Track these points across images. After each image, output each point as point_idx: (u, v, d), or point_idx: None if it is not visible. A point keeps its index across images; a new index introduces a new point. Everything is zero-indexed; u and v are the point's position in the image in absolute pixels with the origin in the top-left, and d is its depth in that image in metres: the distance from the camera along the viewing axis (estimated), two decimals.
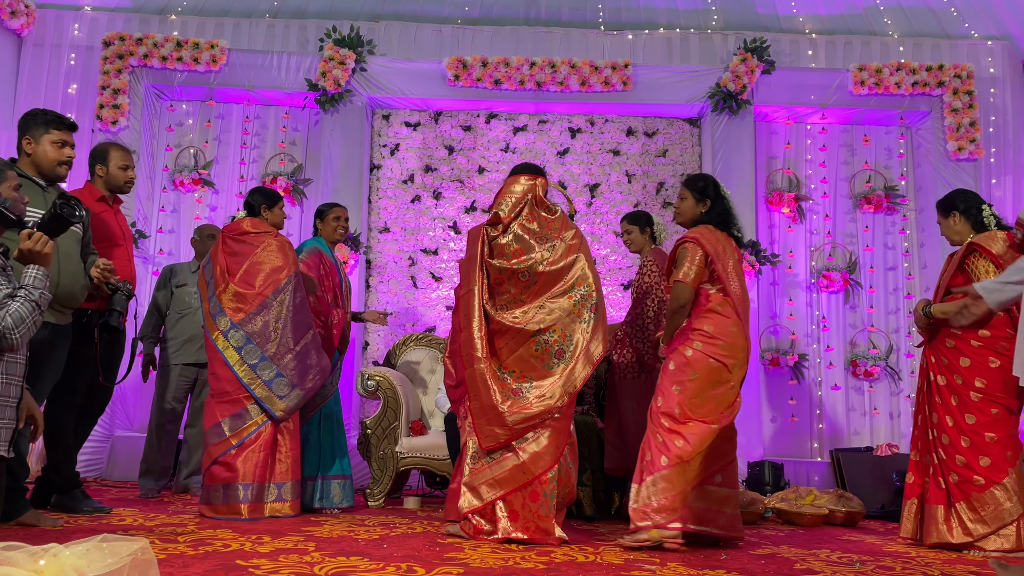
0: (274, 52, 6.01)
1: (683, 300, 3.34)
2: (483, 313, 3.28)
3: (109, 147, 3.90)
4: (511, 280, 3.31)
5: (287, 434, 3.85)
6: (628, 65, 5.97)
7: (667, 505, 3.13)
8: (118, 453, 5.40)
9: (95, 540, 1.36)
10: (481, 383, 3.22)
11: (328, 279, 4.29)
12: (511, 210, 3.36)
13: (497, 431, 3.20)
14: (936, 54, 6.15)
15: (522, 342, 3.26)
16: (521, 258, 3.30)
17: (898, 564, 3.01)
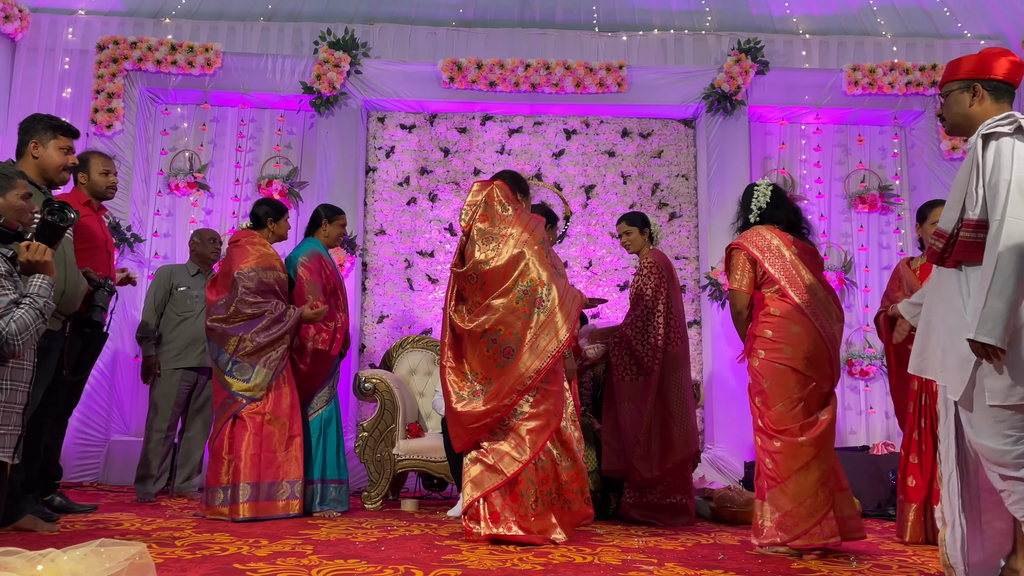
0: (269, 55, 6.01)
1: (739, 307, 3.39)
2: (449, 320, 3.41)
3: (89, 155, 3.92)
4: (467, 285, 3.40)
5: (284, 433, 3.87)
6: (623, 66, 5.98)
7: (786, 522, 3.08)
8: (115, 457, 5.39)
9: (92, 545, 1.36)
10: (447, 388, 3.38)
11: (331, 282, 4.28)
12: (469, 218, 3.45)
13: (458, 431, 3.32)
14: (929, 54, 6.17)
15: (475, 344, 3.33)
16: (471, 258, 3.37)
17: (895, 563, 3.01)
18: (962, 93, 2.40)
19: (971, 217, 2.27)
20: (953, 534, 2.36)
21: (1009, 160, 2.19)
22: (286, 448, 3.89)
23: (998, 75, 2.36)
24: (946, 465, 2.39)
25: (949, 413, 2.38)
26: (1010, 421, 2.14)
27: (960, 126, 2.42)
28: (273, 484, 3.83)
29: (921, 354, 2.48)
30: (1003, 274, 2.12)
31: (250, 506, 3.73)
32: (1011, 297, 2.11)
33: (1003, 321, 2.11)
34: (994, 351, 2.14)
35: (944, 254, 2.36)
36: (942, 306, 2.37)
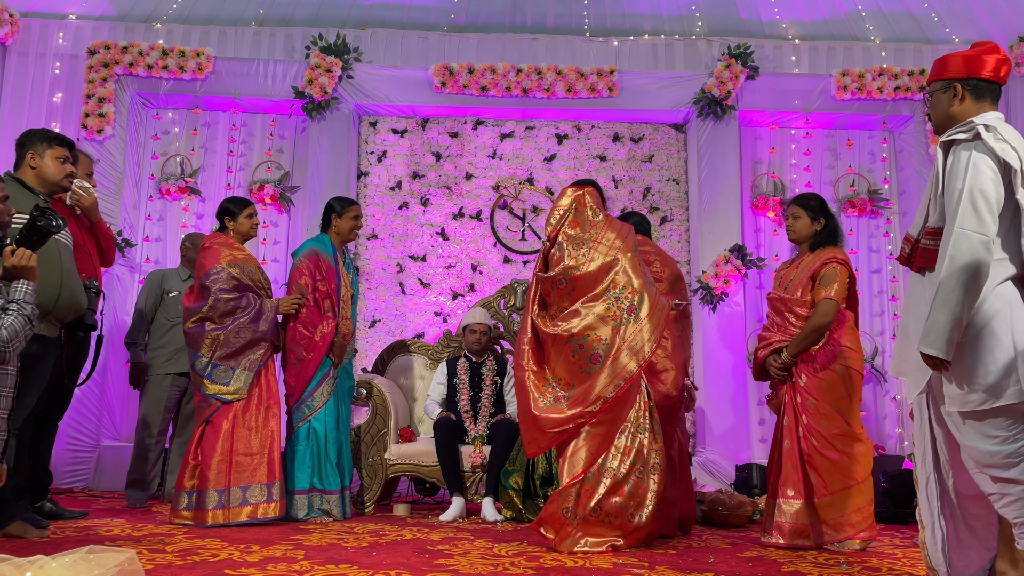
0: (260, 60, 6.01)
1: (832, 317, 3.47)
2: (532, 324, 3.38)
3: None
4: (554, 289, 3.37)
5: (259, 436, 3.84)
6: (614, 71, 6.00)
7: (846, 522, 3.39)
8: (105, 463, 5.37)
9: (82, 551, 1.36)
10: (521, 389, 3.31)
11: (324, 285, 4.18)
12: (557, 222, 3.42)
13: (536, 435, 3.23)
14: (917, 59, 6.22)
15: (560, 349, 3.28)
16: (560, 262, 3.35)
17: (884, 564, 3.03)
18: (944, 93, 2.39)
19: (931, 224, 2.29)
20: (934, 536, 2.37)
21: (963, 169, 2.17)
22: (262, 450, 3.83)
23: (981, 74, 2.34)
24: (923, 468, 2.41)
25: (923, 416, 2.40)
26: (990, 423, 2.15)
27: (943, 126, 2.40)
28: (246, 488, 3.77)
29: (900, 356, 2.51)
30: (948, 285, 2.12)
31: (219, 512, 3.69)
32: (954, 309, 2.11)
33: (945, 333, 2.11)
34: (939, 362, 2.15)
35: (910, 259, 2.40)
36: (914, 309, 2.40)
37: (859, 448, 3.44)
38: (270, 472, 3.83)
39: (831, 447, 3.42)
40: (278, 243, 6.03)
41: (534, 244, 6.05)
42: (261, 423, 3.88)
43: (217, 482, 3.72)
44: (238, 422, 3.82)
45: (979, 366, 2.15)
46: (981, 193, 2.14)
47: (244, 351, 3.88)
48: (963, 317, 2.13)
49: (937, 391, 2.29)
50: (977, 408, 2.14)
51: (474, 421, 4.65)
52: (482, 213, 6.09)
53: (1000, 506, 2.18)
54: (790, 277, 3.68)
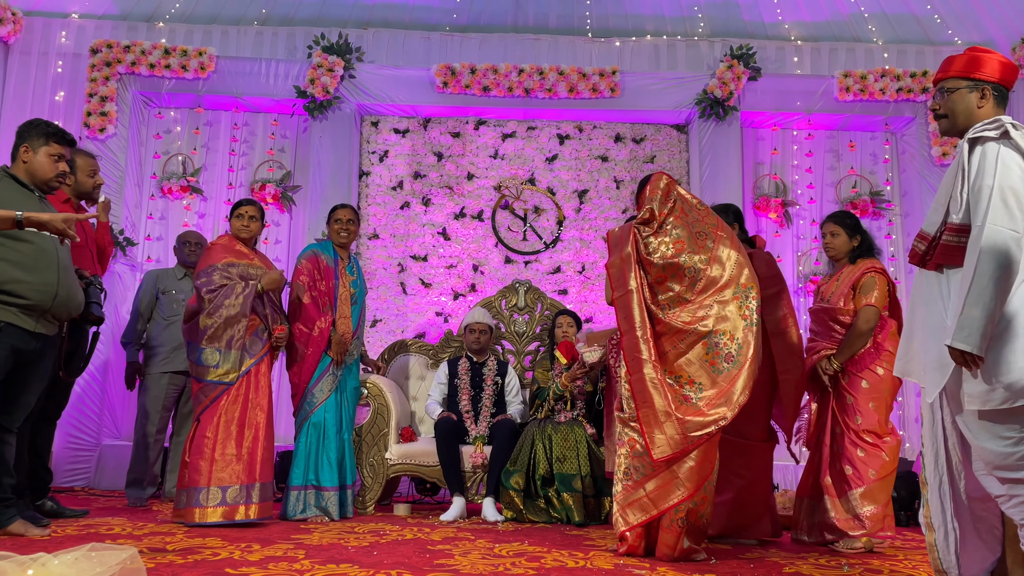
0: (262, 59, 6.01)
1: (874, 323, 3.58)
2: (647, 314, 3.10)
3: (75, 155, 3.83)
4: (675, 277, 3.14)
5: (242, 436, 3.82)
6: (616, 72, 6.00)
7: (878, 514, 3.46)
8: (106, 462, 5.37)
9: (83, 549, 1.36)
10: (652, 388, 3.01)
11: (322, 284, 4.24)
12: (661, 206, 3.23)
13: (676, 438, 2.96)
14: (920, 60, 6.21)
15: (692, 344, 3.06)
16: (683, 251, 3.14)
17: (886, 566, 3.03)
18: (971, 92, 2.37)
19: (954, 221, 2.27)
20: (947, 540, 2.36)
21: (993, 165, 2.17)
22: (242, 450, 3.79)
23: (1003, 80, 2.37)
24: (935, 471, 2.39)
25: (936, 418, 2.38)
26: (1007, 424, 2.14)
27: (959, 126, 2.38)
28: (225, 488, 3.73)
29: (905, 356, 2.49)
30: (981, 281, 2.11)
31: (198, 511, 3.66)
32: (988, 304, 2.11)
33: (980, 328, 2.11)
34: (972, 358, 2.14)
35: (926, 256, 2.37)
36: (924, 308, 2.38)
37: (885, 447, 3.54)
38: (250, 473, 3.77)
39: (861, 440, 3.55)
40: (279, 242, 6.03)
41: (535, 244, 6.05)
42: (246, 423, 3.83)
43: (199, 480, 3.71)
44: (222, 421, 3.80)
45: (1002, 364, 2.14)
46: (1011, 190, 2.15)
47: (226, 329, 3.83)
48: (997, 312, 2.13)
49: (952, 391, 2.28)
50: (998, 407, 2.13)
51: (475, 421, 4.65)
52: (483, 213, 6.08)
53: (1008, 507, 2.17)
54: (831, 289, 3.81)
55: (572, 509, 4.15)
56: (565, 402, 4.56)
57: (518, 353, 5.24)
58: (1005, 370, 2.13)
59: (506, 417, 4.60)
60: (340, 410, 4.21)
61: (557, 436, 4.34)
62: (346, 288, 4.33)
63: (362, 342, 4.49)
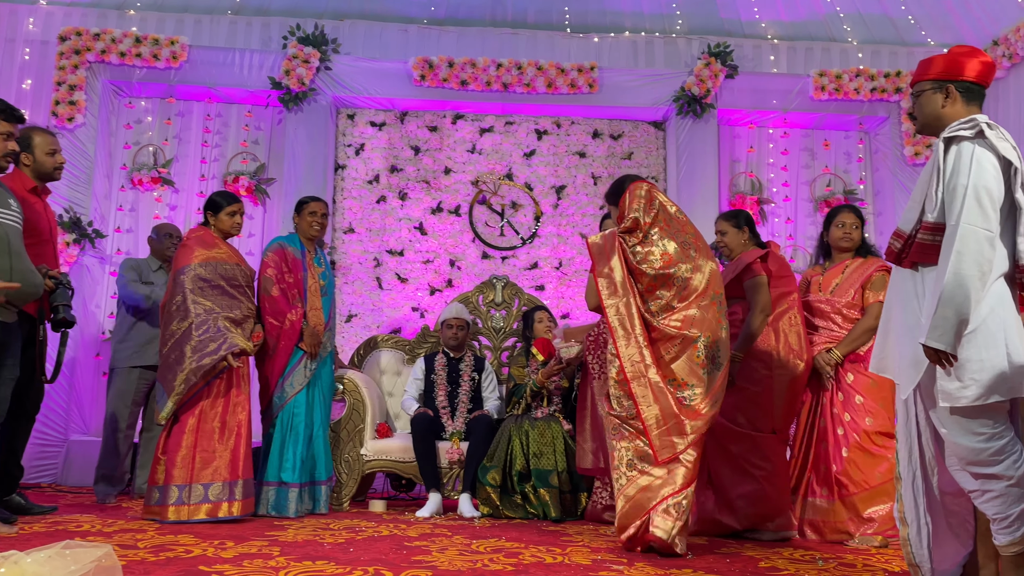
0: (236, 49, 5.92)
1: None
2: (643, 321, 3.21)
3: (32, 132, 3.72)
4: (665, 285, 3.24)
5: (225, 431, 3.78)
6: (594, 68, 5.99)
7: (887, 514, 3.48)
8: (73, 458, 5.26)
9: (57, 547, 1.32)
10: (658, 392, 3.13)
11: (290, 276, 4.17)
12: (645, 215, 3.30)
13: (675, 440, 3.10)
14: (893, 61, 6.28)
15: (683, 349, 3.19)
16: (672, 263, 3.23)
17: (859, 560, 3.06)
18: (935, 93, 2.39)
19: (929, 219, 2.29)
20: (920, 534, 2.39)
21: (968, 165, 2.18)
22: (225, 447, 3.75)
23: (970, 76, 2.35)
24: (908, 466, 2.42)
25: (910, 414, 2.41)
26: (979, 420, 2.17)
27: (931, 126, 2.40)
28: (208, 485, 3.69)
29: (881, 353, 2.52)
30: (955, 280, 2.13)
31: (178, 509, 3.62)
32: (962, 303, 2.13)
33: (953, 327, 2.13)
34: (946, 356, 2.16)
35: (901, 254, 2.39)
36: (899, 306, 2.40)
37: (892, 450, 3.54)
38: (232, 470, 3.74)
39: (872, 443, 3.56)
40: (253, 236, 5.95)
41: (512, 240, 6.03)
42: (228, 420, 3.79)
43: (179, 477, 3.66)
44: (204, 418, 3.75)
45: (975, 361, 2.17)
46: (985, 189, 2.16)
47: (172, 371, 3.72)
48: (969, 312, 2.15)
49: (926, 388, 2.31)
50: (970, 404, 2.16)
51: (451, 417, 4.63)
52: (461, 208, 6.05)
53: (980, 502, 2.20)
54: (834, 282, 3.83)
55: (549, 505, 4.14)
56: (542, 398, 4.56)
57: (495, 349, 5.22)
58: (978, 367, 2.16)
59: (483, 413, 4.59)
60: (312, 405, 4.15)
61: (534, 432, 4.33)
62: (315, 280, 4.27)
63: (334, 335, 4.42)
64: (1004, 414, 2.18)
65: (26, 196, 3.57)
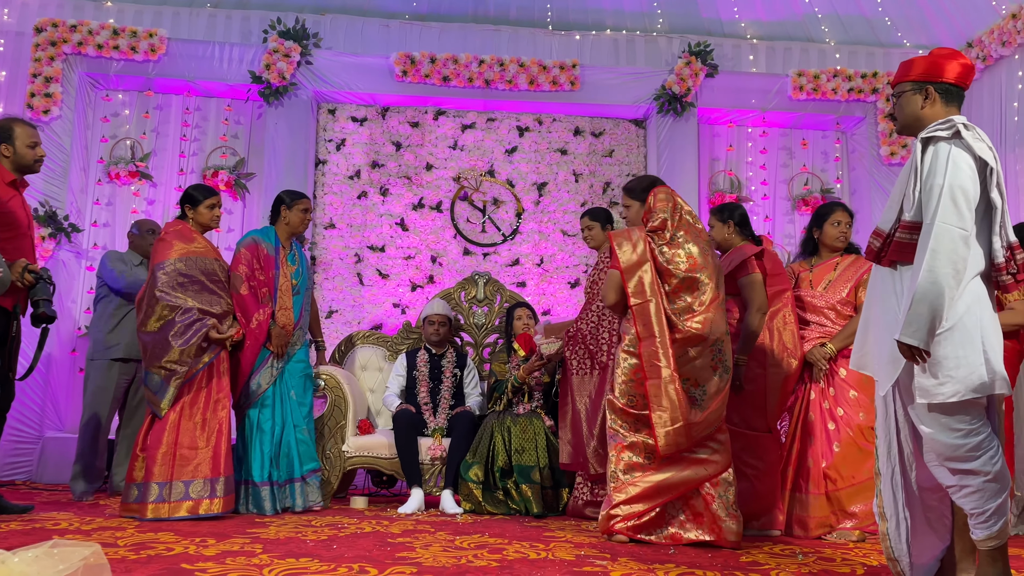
0: (216, 42, 5.87)
1: None
2: (667, 321, 3.28)
3: (13, 124, 3.67)
4: (689, 288, 3.31)
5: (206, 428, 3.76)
6: (576, 65, 6.01)
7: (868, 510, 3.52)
8: (48, 455, 5.20)
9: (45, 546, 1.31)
10: (669, 393, 3.22)
11: (261, 274, 4.10)
12: (670, 217, 3.37)
13: (681, 441, 3.23)
14: (870, 62, 6.36)
15: (702, 351, 3.28)
16: (696, 266, 3.31)
17: (838, 555, 3.10)
18: (914, 95, 2.42)
19: (907, 218, 2.33)
20: (898, 529, 2.42)
21: (944, 165, 2.22)
22: (207, 444, 3.73)
23: (949, 78, 2.38)
24: (887, 462, 2.45)
25: (889, 411, 2.44)
26: (956, 416, 2.21)
27: (911, 127, 2.43)
28: (189, 483, 3.66)
29: (861, 350, 2.56)
30: (929, 277, 2.17)
31: (159, 506, 3.59)
32: (936, 301, 2.16)
33: (926, 325, 2.17)
34: (919, 352, 2.20)
35: (880, 253, 2.43)
36: (879, 304, 2.44)
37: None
38: (214, 467, 3.72)
39: (864, 438, 3.58)
40: (232, 231, 5.91)
41: (494, 236, 6.04)
42: (209, 417, 3.77)
43: (160, 475, 3.63)
44: (185, 415, 3.72)
45: (951, 358, 2.20)
46: (960, 189, 2.19)
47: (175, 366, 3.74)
48: (943, 309, 2.18)
49: (904, 385, 2.34)
50: (947, 400, 2.20)
51: (433, 413, 4.63)
52: (442, 204, 6.05)
53: (958, 497, 2.24)
54: (826, 278, 3.86)
55: (531, 501, 4.16)
56: (523, 394, 4.57)
57: (477, 345, 5.22)
58: (954, 364, 2.20)
59: (465, 409, 4.59)
60: (282, 403, 4.08)
61: (516, 428, 4.35)
62: (287, 278, 4.19)
63: (306, 332, 4.37)
64: (981, 410, 2.22)
65: (3, 189, 3.52)
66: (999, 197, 2.25)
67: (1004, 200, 2.27)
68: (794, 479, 3.71)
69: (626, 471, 3.30)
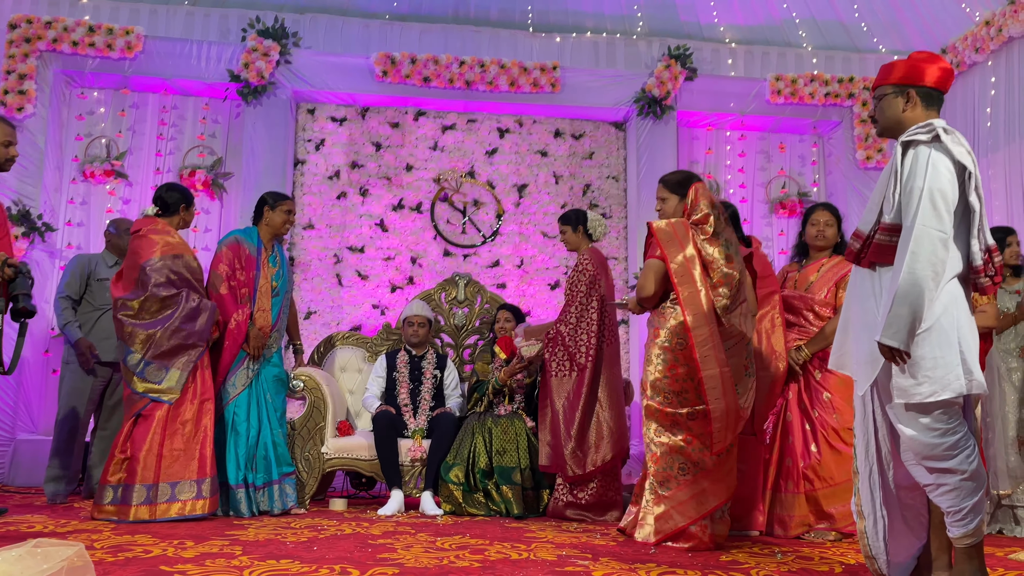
0: (193, 40, 5.81)
1: None
2: (716, 315, 3.22)
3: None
4: (728, 284, 3.26)
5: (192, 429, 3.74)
6: (556, 67, 6.02)
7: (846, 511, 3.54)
8: (21, 457, 5.12)
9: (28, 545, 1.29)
10: (728, 386, 3.16)
11: (242, 275, 4.09)
12: (712, 212, 3.32)
13: (730, 436, 3.20)
14: (847, 66, 6.44)
15: (739, 350, 3.26)
16: (733, 264, 3.28)
17: (816, 554, 3.13)
18: (896, 98, 2.44)
19: (886, 221, 2.36)
20: (876, 527, 2.45)
21: (924, 168, 2.25)
22: (193, 445, 3.72)
23: (930, 82, 2.40)
24: (865, 460, 2.48)
25: (867, 410, 2.47)
26: (934, 416, 2.24)
27: (892, 129, 2.45)
28: (175, 484, 3.65)
29: (840, 350, 2.58)
30: (908, 280, 2.20)
31: (145, 508, 3.58)
32: (915, 302, 2.19)
33: (906, 326, 2.20)
34: (899, 354, 2.23)
35: (860, 254, 2.46)
36: (857, 304, 2.47)
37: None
38: (200, 468, 3.71)
39: (840, 440, 3.61)
40: (209, 231, 5.85)
41: (474, 238, 6.03)
42: (194, 417, 3.76)
43: (144, 477, 3.60)
44: (171, 416, 3.71)
45: (928, 359, 2.24)
46: (940, 192, 2.22)
47: (178, 352, 3.77)
48: (923, 310, 2.21)
49: (883, 384, 2.37)
50: (924, 400, 2.23)
51: (413, 415, 4.61)
52: (422, 205, 6.03)
53: (935, 495, 2.27)
54: (809, 279, 3.88)
55: (511, 502, 4.16)
56: (503, 395, 4.57)
57: (457, 347, 5.21)
58: (932, 365, 2.23)
59: (445, 411, 4.58)
60: (256, 406, 4.05)
61: (497, 429, 4.35)
62: (267, 280, 4.17)
63: (283, 335, 4.33)
64: (958, 410, 2.25)
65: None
66: (977, 200, 2.28)
67: (982, 203, 2.31)
68: (775, 479, 3.74)
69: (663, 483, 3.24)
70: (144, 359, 3.72)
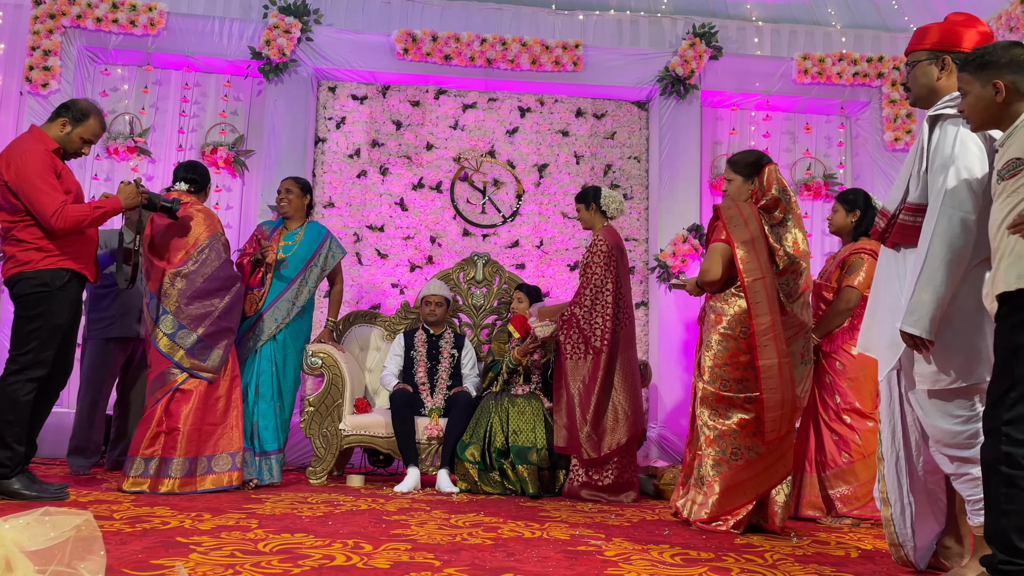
0: (216, 17, 5.80)
1: (853, 304, 3.61)
2: (780, 301, 3.20)
3: (92, 113, 3.59)
4: (792, 272, 3.24)
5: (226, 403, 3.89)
6: (579, 45, 5.95)
7: (849, 495, 3.52)
8: (44, 430, 5.13)
9: (36, 514, 1.30)
10: (786, 376, 3.14)
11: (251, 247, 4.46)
12: (783, 197, 3.28)
13: (785, 426, 3.19)
14: (876, 46, 6.30)
15: (799, 337, 3.26)
16: (800, 252, 3.25)
17: (832, 538, 3.11)
18: (930, 64, 2.31)
19: (911, 200, 2.27)
20: (903, 514, 2.40)
21: (951, 146, 2.13)
22: (227, 419, 3.88)
23: (967, 48, 2.26)
24: (891, 446, 2.42)
25: (893, 394, 2.41)
26: (956, 403, 2.19)
27: (925, 99, 2.33)
28: (212, 457, 3.82)
29: (867, 332, 2.52)
30: (932, 264, 2.11)
31: (180, 481, 3.68)
32: (939, 288, 2.10)
33: (929, 313, 2.11)
34: (922, 342, 2.16)
35: (885, 234, 2.38)
36: (884, 286, 2.40)
37: (867, 425, 3.58)
38: (237, 441, 3.88)
39: (839, 421, 3.61)
40: (231, 208, 5.88)
41: (494, 218, 6.01)
42: (226, 393, 3.90)
43: (188, 450, 3.73)
44: (209, 391, 3.84)
45: (952, 345, 2.17)
46: (968, 171, 2.12)
47: (226, 333, 3.95)
48: (947, 297, 2.12)
49: (907, 369, 2.32)
50: (948, 387, 2.17)
51: (431, 393, 4.62)
52: (442, 184, 6.01)
53: (958, 484, 2.23)
54: (828, 266, 3.92)
55: (527, 481, 4.16)
56: (519, 375, 4.57)
57: (475, 326, 5.21)
58: (955, 351, 2.17)
59: (462, 390, 4.58)
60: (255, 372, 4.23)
61: (514, 409, 4.35)
62: (272, 253, 4.40)
63: (300, 308, 4.42)
64: (981, 397, 2.20)
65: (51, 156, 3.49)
66: None
67: None
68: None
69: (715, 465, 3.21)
70: (199, 337, 3.84)
